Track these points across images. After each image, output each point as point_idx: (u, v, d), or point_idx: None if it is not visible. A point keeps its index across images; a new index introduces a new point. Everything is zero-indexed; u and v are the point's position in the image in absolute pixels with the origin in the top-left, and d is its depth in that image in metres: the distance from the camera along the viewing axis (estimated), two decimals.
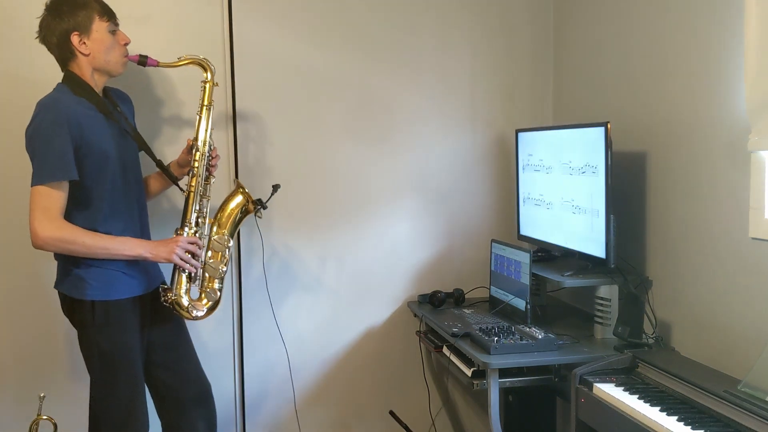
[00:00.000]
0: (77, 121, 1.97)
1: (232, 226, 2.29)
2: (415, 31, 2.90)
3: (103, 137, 2.04)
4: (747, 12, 1.84)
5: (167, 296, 2.15)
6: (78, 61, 2.06)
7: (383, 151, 2.91)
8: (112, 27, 2.09)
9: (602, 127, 2.27)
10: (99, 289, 2.04)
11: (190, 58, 2.27)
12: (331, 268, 2.90)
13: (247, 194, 2.31)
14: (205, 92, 2.28)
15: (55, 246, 1.97)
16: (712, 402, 1.74)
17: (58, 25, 2.01)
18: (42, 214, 1.93)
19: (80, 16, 2.02)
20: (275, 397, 2.87)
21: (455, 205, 3.00)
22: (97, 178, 2.03)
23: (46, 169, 1.93)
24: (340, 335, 2.93)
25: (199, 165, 2.23)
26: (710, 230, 2.10)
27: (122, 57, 2.13)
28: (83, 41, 2.03)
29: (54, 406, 2.43)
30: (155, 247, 2.09)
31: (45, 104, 2.00)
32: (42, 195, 1.94)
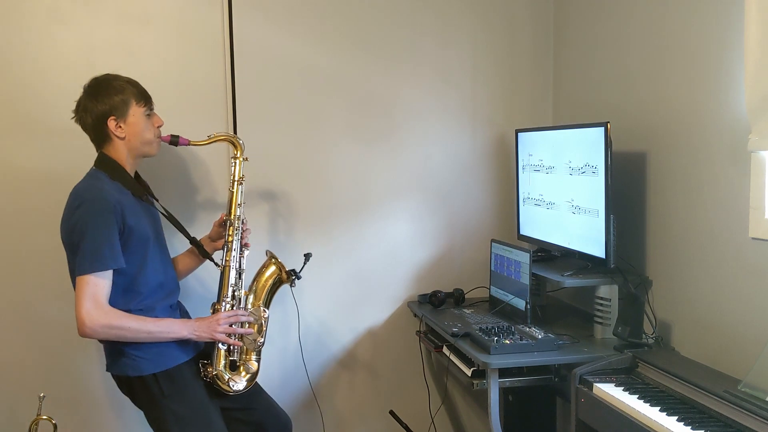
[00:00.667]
0: (120, 208, 2.00)
1: (267, 297, 2.30)
2: (415, 31, 2.90)
3: (141, 220, 2.08)
4: (747, 12, 1.83)
5: (207, 371, 2.14)
6: (114, 144, 2.09)
7: (383, 151, 2.91)
8: (147, 111, 2.12)
9: (602, 127, 2.27)
10: (155, 362, 2.05)
11: (221, 136, 2.32)
12: (331, 268, 2.90)
13: (280, 264, 2.33)
14: (236, 168, 2.32)
15: (103, 333, 1.96)
16: (712, 402, 1.74)
17: (95, 107, 2.05)
18: (90, 302, 1.93)
19: (117, 101, 2.05)
20: (275, 397, 2.87)
21: (455, 205, 3.00)
22: (139, 260, 2.06)
23: (96, 259, 1.94)
24: (340, 335, 2.93)
25: (233, 239, 2.26)
26: (710, 230, 2.10)
27: (156, 138, 2.16)
28: (119, 125, 2.06)
29: (54, 406, 2.43)
30: (198, 327, 2.09)
31: (87, 192, 2.01)
32: (90, 284, 1.94)
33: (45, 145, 2.59)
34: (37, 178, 2.59)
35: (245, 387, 2.19)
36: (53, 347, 2.66)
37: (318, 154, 2.84)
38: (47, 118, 2.58)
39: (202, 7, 2.68)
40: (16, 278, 2.62)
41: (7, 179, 2.58)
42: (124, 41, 2.61)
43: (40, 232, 2.59)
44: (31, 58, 2.55)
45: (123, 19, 2.62)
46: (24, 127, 2.57)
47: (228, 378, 2.16)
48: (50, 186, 2.59)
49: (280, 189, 2.79)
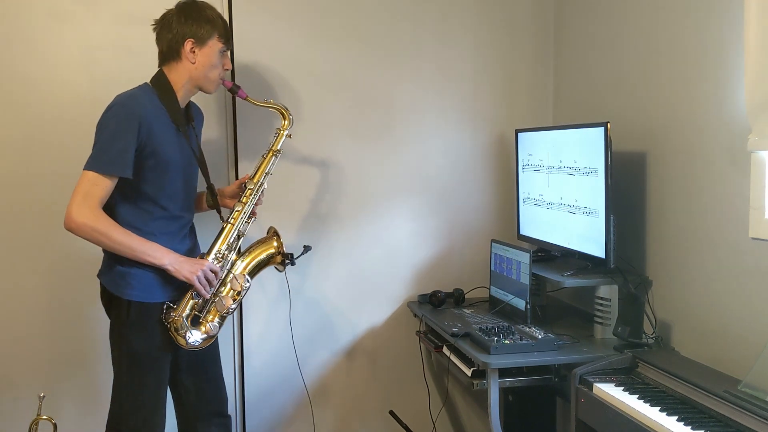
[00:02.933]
0: (149, 123, 2.01)
1: (254, 268, 2.28)
2: (416, 31, 2.90)
3: (170, 145, 2.08)
4: (747, 12, 1.83)
5: (169, 314, 2.11)
6: (180, 65, 2.11)
7: (383, 151, 2.91)
8: (224, 49, 2.16)
9: (602, 127, 2.27)
10: (138, 290, 2.06)
11: (276, 105, 2.36)
12: (331, 268, 2.89)
13: (280, 244, 2.32)
14: (278, 139, 2.34)
15: (85, 232, 1.97)
16: (712, 402, 1.74)
17: (181, 26, 2.09)
18: (83, 198, 1.95)
19: (204, 29, 2.10)
20: (275, 396, 2.87)
21: (455, 205, 3.00)
22: (155, 181, 2.06)
23: (103, 159, 1.96)
24: (340, 335, 2.93)
25: (247, 202, 2.26)
26: (710, 230, 2.10)
27: (219, 78, 2.19)
28: (194, 50, 2.10)
29: (54, 406, 2.44)
30: (181, 262, 2.08)
31: (123, 99, 2.04)
32: (90, 181, 1.96)
33: (45, 144, 2.59)
34: (37, 177, 2.59)
35: (199, 344, 2.15)
36: (53, 347, 2.66)
37: (318, 153, 2.84)
38: (47, 118, 2.58)
39: None
40: (16, 278, 2.62)
41: (7, 178, 2.58)
42: (124, 41, 2.61)
43: (41, 231, 2.60)
44: (31, 57, 2.55)
45: (123, 19, 2.62)
46: (24, 126, 2.57)
47: (185, 330, 2.11)
48: (50, 184, 2.59)
49: (280, 188, 2.79)
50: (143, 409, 2.09)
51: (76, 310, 2.67)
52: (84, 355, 2.68)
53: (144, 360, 2.08)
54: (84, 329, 2.68)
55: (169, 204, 2.11)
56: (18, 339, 2.63)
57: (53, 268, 2.63)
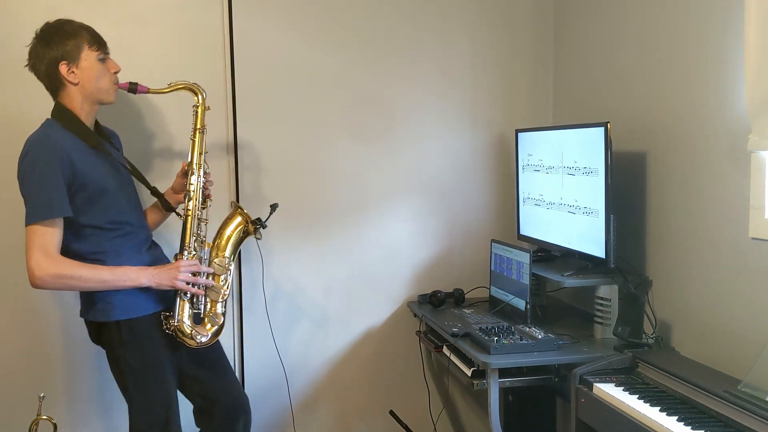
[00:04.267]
0: (69, 157, 1.96)
1: (233, 248, 2.26)
2: (416, 31, 2.90)
3: (96, 170, 2.03)
4: (747, 12, 1.83)
5: (169, 323, 2.10)
6: (68, 90, 2.04)
7: (383, 151, 2.91)
8: (101, 55, 2.07)
9: (602, 127, 2.27)
10: (121, 309, 2.04)
11: (181, 83, 2.25)
12: (331, 268, 2.89)
13: (246, 215, 2.29)
14: (197, 116, 2.26)
15: (53, 283, 1.94)
16: (712, 402, 1.74)
17: (47, 53, 2.01)
18: (38, 252, 1.91)
19: (69, 45, 2.01)
20: (275, 396, 2.87)
21: (455, 205, 3.00)
22: (95, 209, 2.02)
23: (39, 208, 1.92)
24: (340, 335, 2.93)
25: (195, 188, 2.21)
26: (710, 230, 2.10)
27: (113, 84, 2.11)
28: (72, 70, 2.02)
29: (54, 406, 2.44)
30: (157, 274, 2.05)
31: (35, 142, 1.98)
32: (37, 233, 1.92)
33: None
34: None
35: (209, 340, 2.15)
36: (53, 347, 2.66)
37: (318, 153, 2.84)
38: None
39: (202, 8, 2.68)
40: (16, 278, 2.62)
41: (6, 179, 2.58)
42: (124, 41, 2.61)
43: None
44: None
45: (123, 19, 2.62)
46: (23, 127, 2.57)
47: (191, 331, 2.11)
48: None
49: (280, 188, 2.79)
50: (157, 424, 2.10)
51: (76, 309, 2.66)
52: (84, 355, 2.68)
53: (146, 375, 2.08)
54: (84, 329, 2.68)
55: (118, 224, 2.08)
56: (18, 339, 2.63)
57: None
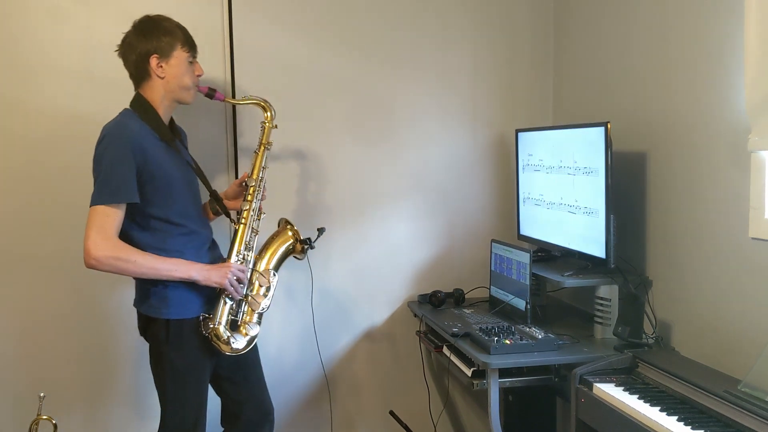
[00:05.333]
0: (141, 147, 2.01)
1: (277, 262, 2.31)
2: (416, 31, 2.90)
3: (166, 164, 2.09)
4: (747, 12, 1.84)
5: (208, 326, 2.12)
6: (152, 83, 2.11)
7: (383, 151, 2.91)
8: (190, 58, 2.16)
9: (602, 127, 2.27)
10: (174, 308, 2.07)
11: (254, 99, 2.37)
12: (332, 268, 2.89)
13: (296, 232, 2.35)
14: (264, 132, 2.36)
15: (108, 264, 1.97)
16: (712, 402, 1.74)
17: (141, 44, 2.09)
18: (98, 233, 1.95)
19: (164, 41, 2.09)
20: (275, 396, 2.86)
21: (455, 205, 3.00)
22: (162, 202, 2.07)
23: (108, 190, 1.97)
24: (340, 335, 2.93)
25: (252, 199, 2.27)
26: (710, 230, 2.10)
27: (194, 87, 2.19)
28: (161, 64, 2.10)
29: (54, 406, 2.43)
30: (207, 270, 2.09)
31: (111, 129, 2.04)
32: (100, 214, 1.96)
33: (45, 144, 2.59)
34: (37, 178, 2.59)
35: (244, 347, 2.18)
36: (54, 346, 2.66)
37: (318, 154, 2.84)
38: (47, 118, 2.58)
39: (202, 7, 2.68)
40: (16, 278, 2.62)
41: (7, 178, 2.58)
42: None
43: (40, 232, 2.60)
44: (31, 57, 2.55)
45: (123, 19, 2.60)
46: (24, 127, 2.57)
47: (228, 336, 2.14)
48: (50, 184, 2.59)
49: (280, 189, 2.79)
50: (188, 423, 2.13)
51: (76, 309, 2.67)
52: (85, 355, 2.68)
53: (186, 375, 2.11)
54: (84, 329, 2.68)
55: (182, 220, 2.12)
56: (18, 339, 2.63)
57: (56, 268, 2.63)
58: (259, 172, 2.32)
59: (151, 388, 2.17)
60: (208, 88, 2.28)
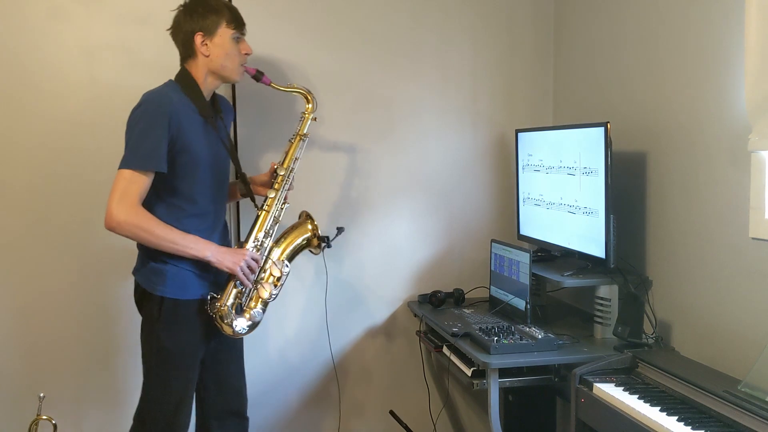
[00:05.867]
0: (178, 119, 2.02)
1: (291, 253, 2.31)
2: (416, 30, 2.90)
3: (199, 140, 2.09)
4: (747, 12, 1.84)
5: (214, 305, 2.12)
6: (196, 60, 2.12)
7: (383, 151, 2.91)
8: (236, 35, 2.15)
9: (602, 127, 2.27)
10: (171, 287, 2.07)
11: (299, 88, 2.37)
12: (331, 268, 2.89)
13: (315, 227, 2.34)
14: (303, 122, 2.36)
15: (127, 230, 1.97)
16: (712, 402, 1.74)
17: (188, 23, 2.10)
18: (122, 197, 1.95)
19: (209, 19, 2.10)
20: (275, 396, 2.87)
21: (455, 205, 3.00)
22: (186, 177, 2.07)
23: (137, 156, 1.97)
24: (340, 335, 2.93)
25: (280, 188, 2.27)
26: (710, 230, 2.10)
27: (240, 66, 2.19)
28: (205, 42, 2.10)
29: (54, 406, 2.44)
30: (222, 253, 2.09)
31: (151, 96, 2.05)
32: (126, 179, 1.96)
33: (45, 144, 2.59)
34: (37, 178, 2.59)
35: (246, 332, 2.18)
36: (54, 346, 2.66)
37: (317, 153, 2.84)
38: (48, 118, 2.58)
39: None
40: (16, 278, 2.62)
41: (6, 178, 2.58)
42: (124, 41, 2.61)
43: (40, 233, 2.60)
44: (31, 57, 2.55)
45: (123, 19, 2.62)
46: (24, 127, 2.57)
47: (231, 318, 2.14)
48: (51, 185, 2.59)
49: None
50: (168, 406, 2.11)
51: (76, 309, 2.67)
52: (85, 355, 2.68)
53: (173, 357, 2.10)
54: (85, 329, 2.68)
55: (200, 199, 2.12)
56: (18, 339, 2.63)
57: (56, 267, 2.63)
58: (290, 162, 2.31)
59: None
60: (255, 70, 2.27)
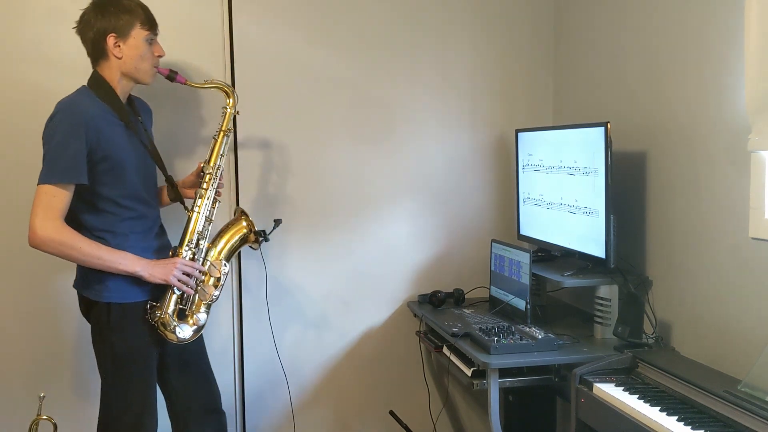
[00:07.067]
0: (95, 126, 1.97)
1: (229, 252, 2.27)
2: (415, 30, 2.89)
3: (121, 145, 2.05)
4: (747, 12, 1.83)
5: (155, 314, 2.10)
6: (109, 62, 2.07)
7: (383, 151, 2.91)
8: (150, 37, 2.10)
9: (602, 127, 2.27)
10: (116, 291, 2.04)
11: (217, 83, 2.32)
12: (331, 268, 2.89)
13: (250, 223, 2.31)
14: (225, 118, 2.30)
15: (51, 247, 1.94)
16: (712, 402, 1.74)
17: (99, 22, 2.03)
18: (44, 212, 1.92)
19: (122, 20, 2.03)
20: (275, 396, 2.87)
21: (455, 205, 3.00)
22: (115, 184, 2.04)
23: (56, 170, 1.93)
24: (340, 335, 2.93)
25: (207, 188, 2.23)
26: (710, 230, 2.10)
27: (153, 68, 2.14)
28: (118, 44, 2.05)
29: (54, 406, 2.43)
30: (153, 266, 2.06)
31: (65, 105, 2.00)
32: (47, 194, 1.92)
33: None
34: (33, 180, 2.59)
35: (190, 337, 2.15)
36: (54, 347, 2.66)
37: (318, 154, 2.84)
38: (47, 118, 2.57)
39: (202, 7, 2.68)
40: (16, 278, 2.62)
41: (7, 181, 2.58)
42: None
43: None
44: (31, 58, 2.55)
45: None
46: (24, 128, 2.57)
47: (174, 325, 2.11)
48: None
49: (280, 188, 2.79)
50: (131, 412, 2.09)
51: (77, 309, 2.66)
52: (84, 355, 2.68)
53: (128, 361, 2.08)
54: (85, 329, 2.67)
55: (132, 203, 2.09)
56: (18, 339, 2.63)
57: (56, 267, 2.62)
58: (217, 160, 2.25)
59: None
60: (169, 70, 2.21)
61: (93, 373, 2.68)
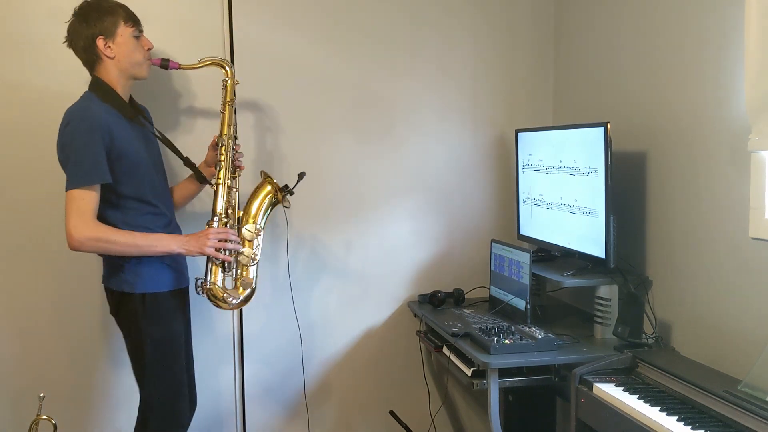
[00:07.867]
0: (108, 127, 2.05)
1: (262, 215, 2.35)
2: (416, 31, 2.90)
3: (133, 143, 2.13)
4: (747, 12, 1.84)
5: (203, 287, 2.19)
6: (104, 64, 2.14)
7: (383, 151, 2.91)
8: (136, 32, 2.17)
9: (602, 127, 2.27)
10: (149, 282, 2.12)
11: (210, 59, 2.37)
12: (331, 268, 2.89)
13: (275, 183, 2.38)
14: (227, 90, 2.36)
15: (90, 246, 2.03)
16: (712, 402, 1.74)
17: (85, 30, 2.11)
18: (77, 216, 2.00)
19: (106, 22, 2.12)
20: (275, 396, 2.87)
21: (455, 205, 3.00)
22: (131, 181, 2.11)
23: (81, 174, 2.01)
24: (340, 335, 2.93)
25: (225, 158, 2.29)
26: (710, 230, 2.10)
27: (146, 60, 2.21)
28: (108, 45, 2.12)
29: (54, 406, 2.44)
30: (187, 241, 2.14)
31: (74, 113, 2.07)
32: (76, 198, 2.01)
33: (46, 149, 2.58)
34: (37, 180, 2.59)
35: (239, 303, 2.26)
36: (54, 346, 2.66)
37: (318, 153, 2.84)
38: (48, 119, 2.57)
39: (202, 7, 2.68)
40: (18, 277, 2.62)
41: (7, 183, 2.58)
42: None
43: (41, 233, 2.59)
44: (31, 58, 2.55)
45: None
46: (25, 130, 2.57)
47: (224, 294, 2.21)
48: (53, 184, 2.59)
49: None
50: (169, 395, 2.18)
51: (77, 310, 2.67)
52: (85, 355, 2.68)
53: (167, 348, 2.16)
54: (85, 329, 2.68)
55: (151, 198, 2.17)
56: (18, 338, 2.63)
57: (55, 268, 2.63)
58: (228, 130, 2.32)
59: None
60: (161, 59, 2.28)
61: (93, 372, 2.70)
